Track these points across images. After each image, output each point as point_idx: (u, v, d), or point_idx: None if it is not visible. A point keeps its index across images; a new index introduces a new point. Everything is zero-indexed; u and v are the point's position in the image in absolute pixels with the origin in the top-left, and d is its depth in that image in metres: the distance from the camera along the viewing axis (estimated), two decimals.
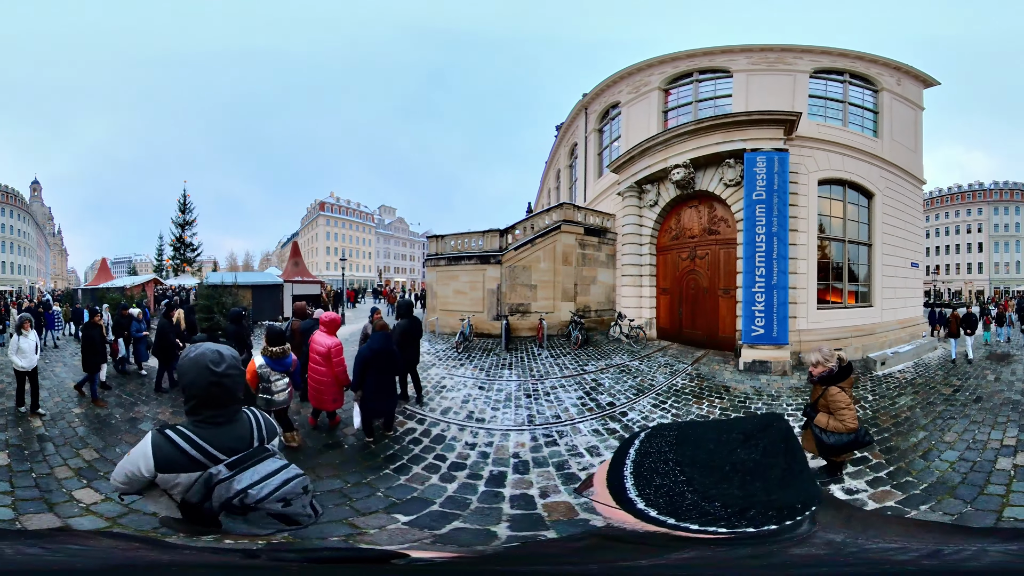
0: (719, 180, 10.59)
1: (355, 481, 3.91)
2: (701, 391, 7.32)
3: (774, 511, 0.49)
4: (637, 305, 13.02)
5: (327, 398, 5.11)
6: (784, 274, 8.79)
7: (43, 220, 71.53)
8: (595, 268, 14.94)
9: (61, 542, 0.62)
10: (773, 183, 8.85)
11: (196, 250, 29.79)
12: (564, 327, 13.05)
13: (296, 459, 3.76)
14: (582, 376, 8.46)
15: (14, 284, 51.45)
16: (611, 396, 7.03)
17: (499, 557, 0.61)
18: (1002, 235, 56.64)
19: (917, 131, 13.20)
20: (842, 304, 10.87)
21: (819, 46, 12.06)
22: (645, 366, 9.19)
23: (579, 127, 18.67)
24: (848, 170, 11.06)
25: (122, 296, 14.77)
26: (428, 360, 9.72)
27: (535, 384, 7.82)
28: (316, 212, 69.89)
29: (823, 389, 3.59)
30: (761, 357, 8.55)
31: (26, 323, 6.05)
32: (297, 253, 19.22)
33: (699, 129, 10.66)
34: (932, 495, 3.44)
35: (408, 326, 6.49)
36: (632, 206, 13.22)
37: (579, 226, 14.25)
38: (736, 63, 12.15)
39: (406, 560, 0.53)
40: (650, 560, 0.50)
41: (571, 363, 9.66)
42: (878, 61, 12.42)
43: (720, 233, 11.15)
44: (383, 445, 4.81)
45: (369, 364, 4.78)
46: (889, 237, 11.92)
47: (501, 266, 13.89)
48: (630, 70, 14.59)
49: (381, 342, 4.92)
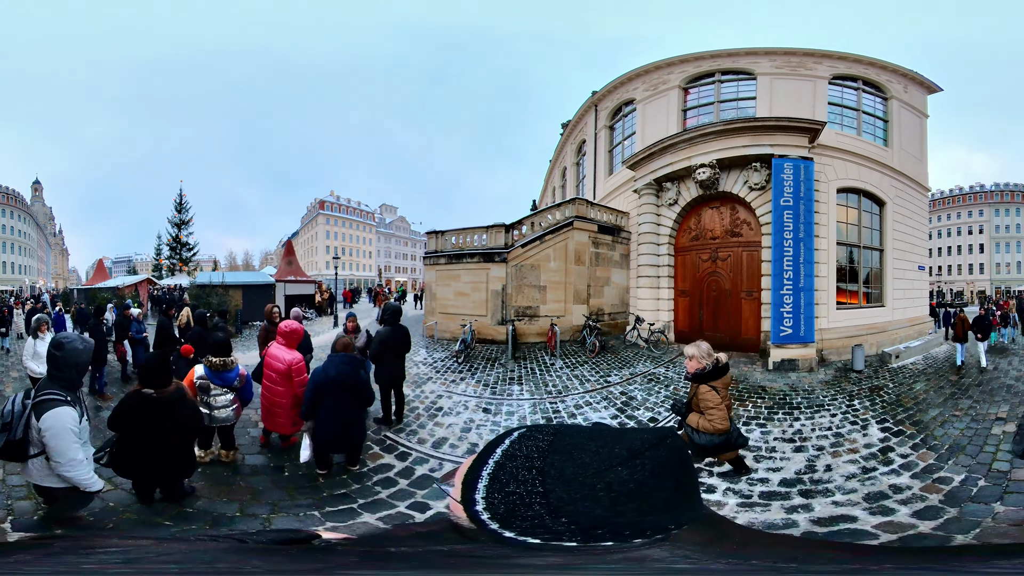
0: (744, 183, 12.05)
1: (260, 513, 3.63)
2: (740, 393, 8.03)
3: (634, 529, 0.50)
4: (654, 308, 14.02)
5: (284, 420, 4.83)
6: (810, 277, 10.36)
7: (44, 220, 79.36)
8: (608, 268, 15.57)
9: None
10: (800, 191, 10.37)
11: (192, 249, 32.10)
12: (576, 332, 13.39)
13: (216, 475, 4.31)
14: (607, 389, 8.40)
15: (14, 284, 56.89)
16: (649, 410, 7.04)
17: (381, 537, 0.70)
18: (1003, 236, 62.37)
19: (923, 139, 15.15)
20: (858, 305, 12.62)
21: (836, 51, 13.75)
22: (673, 372, 9.78)
23: (588, 124, 19.98)
24: (863, 179, 12.82)
25: (115, 296, 15.11)
26: (423, 373, 9.36)
27: (554, 403, 7.42)
28: (316, 211, 74.76)
29: (696, 387, 3.71)
30: (789, 356, 10.05)
31: (43, 325, 6.14)
32: (291, 252, 19.80)
33: (727, 130, 12.04)
34: (952, 453, 4.97)
35: (391, 336, 5.95)
36: (649, 204, 14.22)
37: (592, 223, 14.83)
38: (760, 66, 13.69)
39: (321, 541, 0.62)
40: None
41: (591, 374, 9.59)
42: (887, 67, 14.23)
43: (743, 235, 12.63)
44: (337, 481, 4.31)
45: (324, 393, 4.27)
46: (898, 243, 13.78)
47: (507, 265, 13.96)
48: (647, 68, 15.97)
49: (341, 368, 4.38)
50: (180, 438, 3.58)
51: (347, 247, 74.46)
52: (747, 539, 0.66)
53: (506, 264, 13.94)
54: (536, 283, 14.11)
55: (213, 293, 17.79)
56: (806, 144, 11.18)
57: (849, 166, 12.57)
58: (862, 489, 4.13)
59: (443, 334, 14.22)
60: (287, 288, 19.12)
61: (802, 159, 10.76)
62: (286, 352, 4.86)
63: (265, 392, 4.92)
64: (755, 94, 13.70)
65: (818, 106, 12.97)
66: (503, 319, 13.71)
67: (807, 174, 10.54)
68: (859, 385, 8.75)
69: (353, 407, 4.46)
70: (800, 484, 4.29)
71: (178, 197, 33.07)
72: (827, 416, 6.70)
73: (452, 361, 10.69)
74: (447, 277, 15.26)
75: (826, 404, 7.36)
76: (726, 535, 0.60)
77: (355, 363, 4.56)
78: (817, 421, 6.45)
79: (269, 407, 4.90)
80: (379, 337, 5.99)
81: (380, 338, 5.98)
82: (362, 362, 4.68)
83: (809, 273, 10.37)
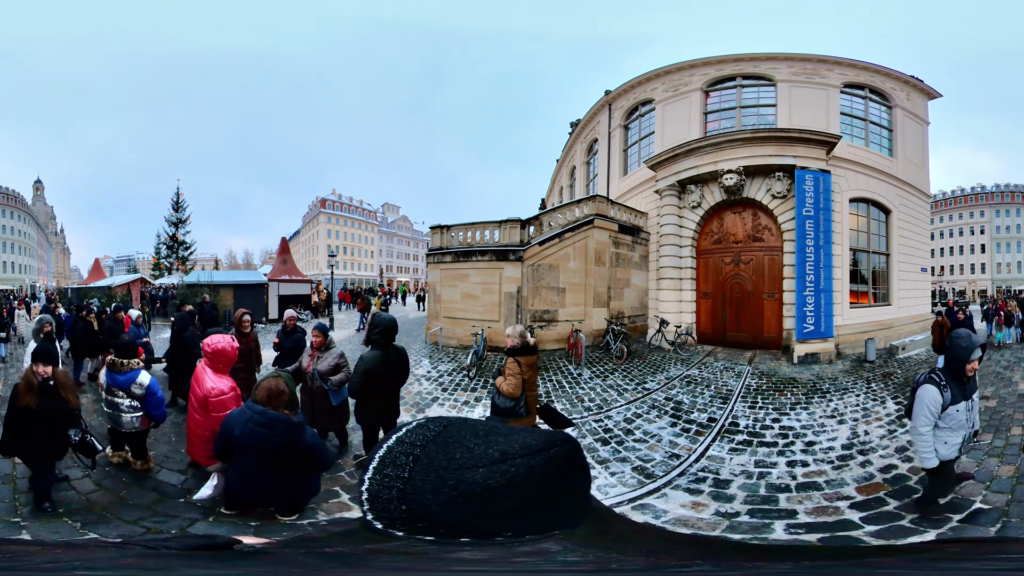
0: (767, 191, 15.04)
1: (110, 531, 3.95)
2: (776, 385, 10.33)
3: (453, 532, 0.58)
4: (677, 310, 16.46)
5: (199, 451, 4.59)
6: (828, 280, 13.47)
7: (45, 219, 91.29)
8: (628, 270, 17.45)
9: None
10: (819, 202, 13.42)
11: (189, 248, 35.21)
12: (597, 337, 14.53)
13: (117, 480, 4.87)
14: (650, 397, 9.24)
15: (14, 283, 64.59)
16: (703, 411, 8.23)
17: (305, 540, 0.80)
18: (1003, 236, 72.30)
19: (924, 146, 18.80)
20: (868, 304, 15.97)
21: (847, 59, 17.05)
22: (707, 372, 11.50)
23: (600, 123, 22.77)
24: (871, 189, 16.21)
25: (107, 296, 16.48)
26: (427, 391, 9.30)
27: (600, 420, 7.80)
28: (317, 209, 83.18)
29: (507, 359, 4.84)
30: (812, 350, 13.05)
31: (46, 325, 6.96)
32: (286, 250, 21.45)
33: (754, 138, 14.98)
34: None
35: (379, 365, 4.94)
36: (671, 205, 16.73)
37: (612, 222, 16.31)
38: (779, 72, 16.78)
39: (242, 546, 0.67)
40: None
41: (625, 382, 10.34)
42: (891, 75, 17.68)
43: (764, 240, 15.65)
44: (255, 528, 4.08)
45: (234, 449, 3.89)
46: (903, 247, 17.27)
47: (522, 264, 14.36)
48: (668, 69, 18.87)
49: (254, 431, 3.76)
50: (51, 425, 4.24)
51: (349, 246, 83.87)
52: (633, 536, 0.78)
53: (522, 263, 14.36)
54: (554, 285, 14.75)
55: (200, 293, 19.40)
56: (824, 156, 14.30)
57: (860, 177, 15.89)
58: (892, 444, 6.74)
59: (449, 341, 14.44)
60: (281, 288, 20.85)
61: (821, 171, 13.85)
62: (210, 378, 4.58)
63: (189, 417, 4.76)
64: (774, 100, 16.80)
65: (831, 116, 16.19)
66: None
67: (825, 186, 13.63)
68: (873, 372, 11.83)
69: (278, 478, 3.89)
70: (855, 446, 6.72)
71: (175, 196, 37.04)
72: (853, 396, 9.43)
73: (462, 376, 10.64)
74: (453, 277, 15.69)
75: (850, 388, 10.19)
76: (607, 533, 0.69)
77: (277, 426, 3.76)
78: (847, 401, 9.08)
79: (190, 435, 4.74)
80: (363, 366, 4.88)
81: (364, 367, 4.88)
82: (296, 427, 3.84)
83: (828, 276, 13.49)
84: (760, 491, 5.36)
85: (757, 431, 7.43)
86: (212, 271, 31.01)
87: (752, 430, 7.46)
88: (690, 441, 6.93)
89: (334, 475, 5.18)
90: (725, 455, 6.41)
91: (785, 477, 5.70)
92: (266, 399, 3.84)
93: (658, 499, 5.23)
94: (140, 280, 24.03)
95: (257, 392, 3.91)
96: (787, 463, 6.13)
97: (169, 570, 0.61)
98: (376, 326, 5.10)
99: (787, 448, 6.70)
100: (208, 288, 20.17)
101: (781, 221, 14.83)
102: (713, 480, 5.66)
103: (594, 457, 6.35)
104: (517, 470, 0.61)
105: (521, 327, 5.12)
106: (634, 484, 5.58)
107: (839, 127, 16.04)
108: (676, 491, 5.41)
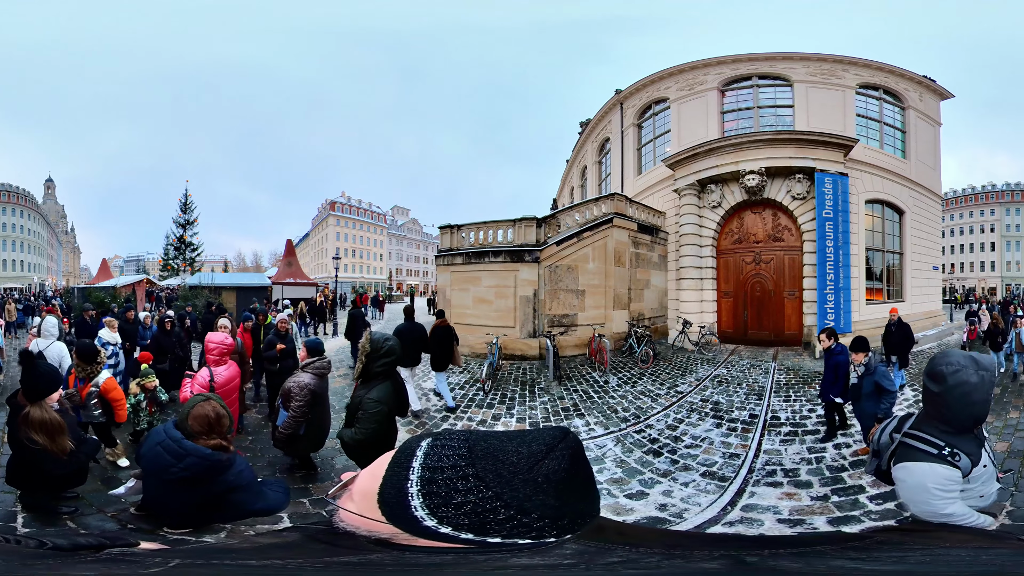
0: (787, 192, 17.14)
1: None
2: (804, 379, 11.69)
3: (565, 523, 0.69)
4: (698, 310, 18.32)
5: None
6: (847, 278, 15.64)
7: (55, 218, 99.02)
8: (648, 270, 18.94)
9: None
10: (838, 204, 15.57)
11: (197, 250, 38.02)
12: (619, 341, 15.13)
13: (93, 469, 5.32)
14: (685, 400, 9.73)
15: (23, 282, 69.90)
16: (741, 408, 9.00)
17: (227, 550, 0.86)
18: (1014, 235, 79.11)
19: (936, 147, 21.28)
20: (882, 300, 18.26)
21: (861, 59, 19.27)
22: (736, 371, 12.40)
23: (612, 122, 24.77)
24: (886, 191, 18.60)
25: (111, 297, 17.76)
26: (437, 409, 9.58)
27: (641, 431, 8.16)
28: (327, 212, 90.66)
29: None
30: None
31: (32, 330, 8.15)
32: (291, 252, 22.84)
33: (775, 140, 17.03)
34: None
35: (394, 398, 4.26)
36: (691, 205, 18.52)
37: (632, 221, 17.43)
38: (795, 72, 18.92)
39: (144, 551, 0.73)
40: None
41: (656, 387, 10.79)
42: (905, 75, 19.99)
43: (784, 240, 17.75)
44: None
45: (140, 464, 3.75)
46: (915, 246, 19.72)
47: (539, 265, 14.69)
48: (682, 67, 20.93)
49: (158, 457, 3.31)
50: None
51: (358, 249, 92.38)
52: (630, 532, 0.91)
53: (538, 265, 14.68)
54: (573, 287, 15.22)
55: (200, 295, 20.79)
56: (842, 159, 16.47)
57: (875, 179, 18.22)
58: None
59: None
60: (285, 291, 22.31)
61: (839, 174, 16.01)
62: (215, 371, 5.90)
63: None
64: (791, 101, 18.98)
65: (848, 118, 18.42)
66: (535, 331, 14.41)
67: (843, 188, 15.80)
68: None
69: (185, 503, 3.35)
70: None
71: (183, 197, 40.61)
72: None
73: (476, 389, 10.78)
74: (465, 280, 16.12)
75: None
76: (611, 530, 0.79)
77: (185, 459, 3.25)
78: None
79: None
80: (376, 411, 4.05)
81: (381, 411, 4.08)
82: (212, 467, 3.23)
83: (847, 275, 15.66)
84: (825, 472, 6.40)
85: (798, 421, 8.67)
86: (214, 273, 32.38)
87: (793, 421, 8.71)
88: (740, 439, 7.69)
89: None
90: (778, 447, 7.36)
91: (838, 459, 6.88)
92: (205, 429, 3.36)
93: (752, 499, 5.77)
94: (145, 280, 25.35)
95: (190, 419, 3.38)
96: (833, 447, 7.46)
97: (33, 568, 0.69)
98: (378, 353, 4.12)
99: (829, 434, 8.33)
100: (210, 290, 21.54)
101: (801, 222, 16.94)
102: (782, 471, 6.50)
103: (653, 470, 6.67)
104: (563, 451, 0.74)
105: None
106: (714, 489, 6.04)
107: (855, 129, 18.26)
108: (759, 487, 6.02)
